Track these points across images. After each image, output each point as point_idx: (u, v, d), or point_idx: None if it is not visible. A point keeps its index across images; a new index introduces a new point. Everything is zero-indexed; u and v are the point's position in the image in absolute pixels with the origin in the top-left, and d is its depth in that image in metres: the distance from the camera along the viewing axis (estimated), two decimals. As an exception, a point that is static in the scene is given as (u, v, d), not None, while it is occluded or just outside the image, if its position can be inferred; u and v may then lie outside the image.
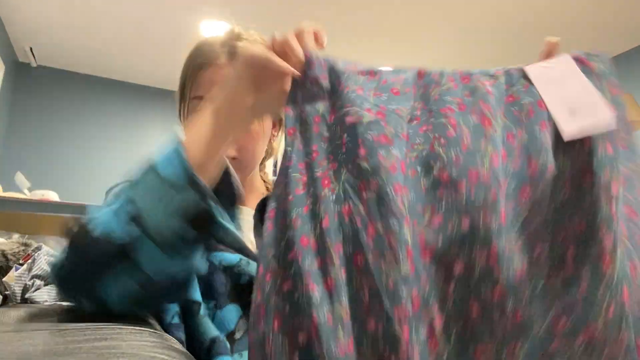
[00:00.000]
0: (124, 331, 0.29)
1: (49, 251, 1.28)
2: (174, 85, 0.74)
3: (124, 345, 0.27)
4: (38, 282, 1.16)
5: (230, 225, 0.61)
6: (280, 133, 0.82)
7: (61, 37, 3.23)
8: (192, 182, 0.44)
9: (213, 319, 0.55)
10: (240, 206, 0.71)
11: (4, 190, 3.22)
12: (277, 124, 0.80)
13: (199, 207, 0.45)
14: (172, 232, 0.43)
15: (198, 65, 0.69)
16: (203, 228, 0.46)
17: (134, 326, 0.34)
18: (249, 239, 0.71)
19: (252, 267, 0.59)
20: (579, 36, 2.92)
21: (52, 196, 2.35)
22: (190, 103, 0.70)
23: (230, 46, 0.69)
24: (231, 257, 0.58)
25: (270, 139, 0.80)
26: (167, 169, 0.45)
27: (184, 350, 0.29)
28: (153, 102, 3.89)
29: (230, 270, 0.58)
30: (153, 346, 0.28)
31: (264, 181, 0.88)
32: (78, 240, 0.45)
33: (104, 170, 3.68)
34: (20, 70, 3.57)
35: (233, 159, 0.69)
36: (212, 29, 3.01)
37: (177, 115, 0.78)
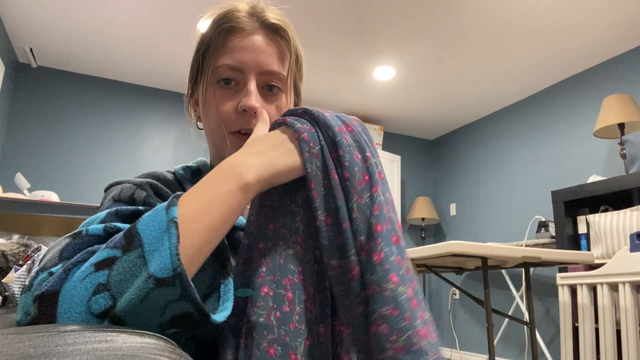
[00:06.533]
0: (124, 333, 0.29)
1: (49, 252, 1.27)
2: (173, 85, 0.72)
3: (125, 347, 0.27)
4: (38, 283, 1.16)
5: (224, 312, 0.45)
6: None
7: (61, 38, 3.24)
8: (179, 277, 0.37)
9: None
10: None
11: (4, 190, 3.22)
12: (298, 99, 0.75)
13: (183, 308, 0.38)
14: (148, 327, 0.38)
15: (227, 30, 0.67)
16: (186, 326, 0.40)
17: (134, 328, 0.34)
18: None
19: None
20: (580, 37, 2.92)
21: (52, 197, 2.35)
22: (218, 70, 0.66)
23: (259, 17, 0.67)
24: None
25: None
26: (153, 255, 0.38)
27: (186, 354, 0.29)
28: (153, 103, 3.88)
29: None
30: (154, 348, 0.28)
31: None
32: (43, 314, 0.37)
33: (104, 171, 3.69)
34: (20, 71, 3.57)
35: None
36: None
37: (185, 95, 0.72)
